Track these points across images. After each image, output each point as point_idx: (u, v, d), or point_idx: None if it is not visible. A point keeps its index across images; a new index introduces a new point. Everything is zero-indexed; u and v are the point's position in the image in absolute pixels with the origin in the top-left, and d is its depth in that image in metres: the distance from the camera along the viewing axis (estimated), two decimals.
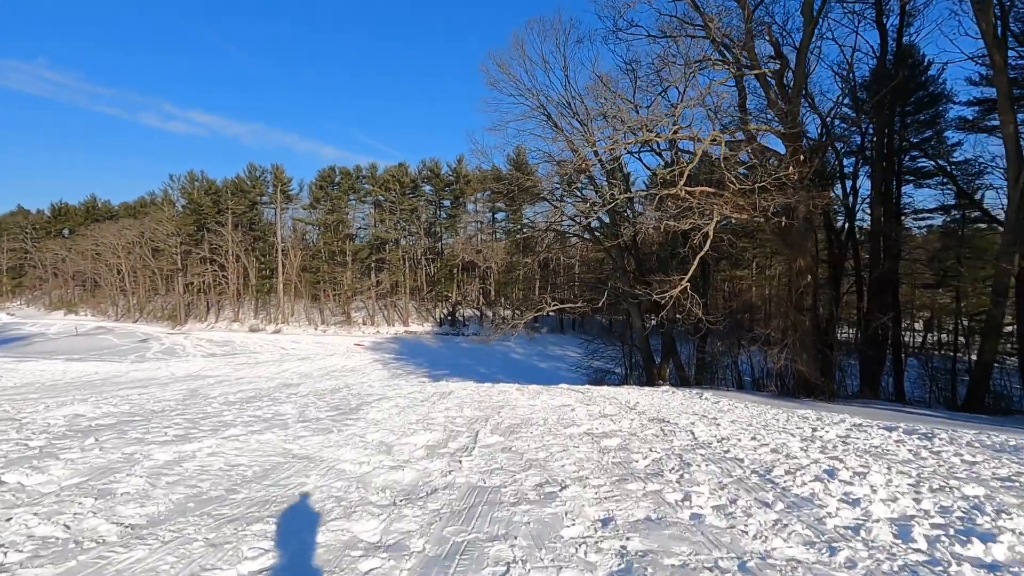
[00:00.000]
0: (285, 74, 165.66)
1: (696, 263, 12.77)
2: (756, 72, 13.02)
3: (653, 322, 24.59)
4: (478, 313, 65.29)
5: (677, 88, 16.03)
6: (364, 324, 65.94)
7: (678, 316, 23.15)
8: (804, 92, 15.45)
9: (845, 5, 17.98)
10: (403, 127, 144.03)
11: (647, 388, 16.79)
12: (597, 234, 23.08)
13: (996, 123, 22.28)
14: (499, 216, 68.36)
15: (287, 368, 40.88)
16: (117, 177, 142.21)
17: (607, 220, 22.49)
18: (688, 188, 11.91)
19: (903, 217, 21.98)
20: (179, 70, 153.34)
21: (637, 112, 14.53)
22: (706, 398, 12.68)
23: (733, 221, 13.42)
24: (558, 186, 29.35)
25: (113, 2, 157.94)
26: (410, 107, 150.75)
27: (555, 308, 20.34)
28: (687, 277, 12.31)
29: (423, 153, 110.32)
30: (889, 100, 17.36)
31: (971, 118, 21.78)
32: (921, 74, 21.70)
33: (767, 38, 13.54)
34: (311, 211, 72.13)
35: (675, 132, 13.22)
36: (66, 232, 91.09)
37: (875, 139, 18.53)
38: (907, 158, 22.23)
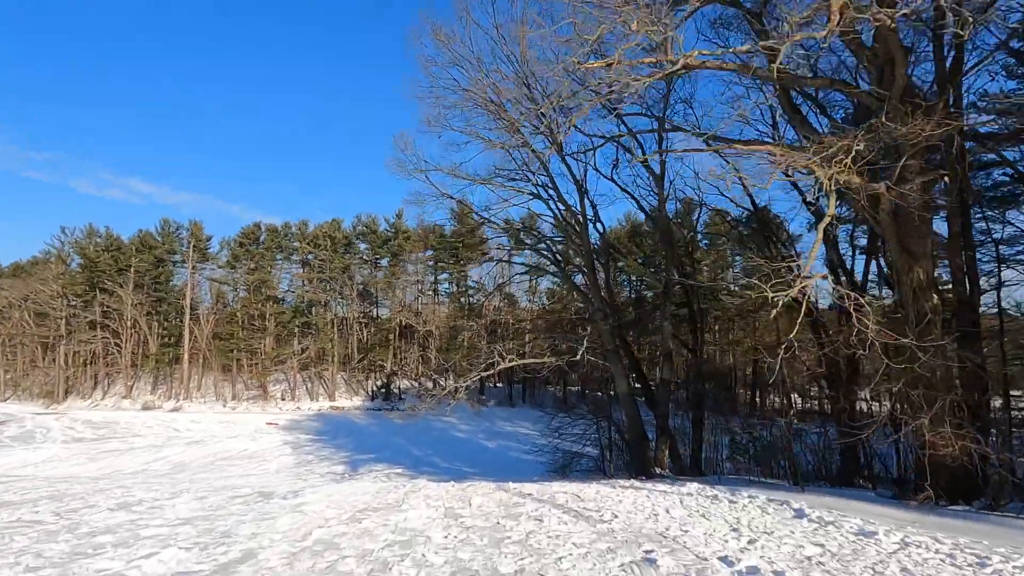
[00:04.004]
0: (227, 142, 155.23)
1: (821, 233, 7.04)
2: None
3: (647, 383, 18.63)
4: (416, 384, 57.51)
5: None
6: (283, 399, 56.73)
7: (676, 380, 17.51)
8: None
9: None
10: (349, 193, 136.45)
11: (661, 487, 10.52)
12: (564, 266, 17.35)
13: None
14: (442, 276, 62.22)
15: (163, 455, 31.90)
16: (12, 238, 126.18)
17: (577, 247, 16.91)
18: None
19: None
20: (114, 135, 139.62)
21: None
22: (813, 520, 6.52)
23: (842, 186, 7.89)
24: (506, 236, 23.86)
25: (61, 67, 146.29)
26: (352, 174, 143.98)
27: (510, 364, 14.06)
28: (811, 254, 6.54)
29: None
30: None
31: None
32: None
33: None
34: (230, 270, 63.70)
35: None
36: None
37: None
38: None
